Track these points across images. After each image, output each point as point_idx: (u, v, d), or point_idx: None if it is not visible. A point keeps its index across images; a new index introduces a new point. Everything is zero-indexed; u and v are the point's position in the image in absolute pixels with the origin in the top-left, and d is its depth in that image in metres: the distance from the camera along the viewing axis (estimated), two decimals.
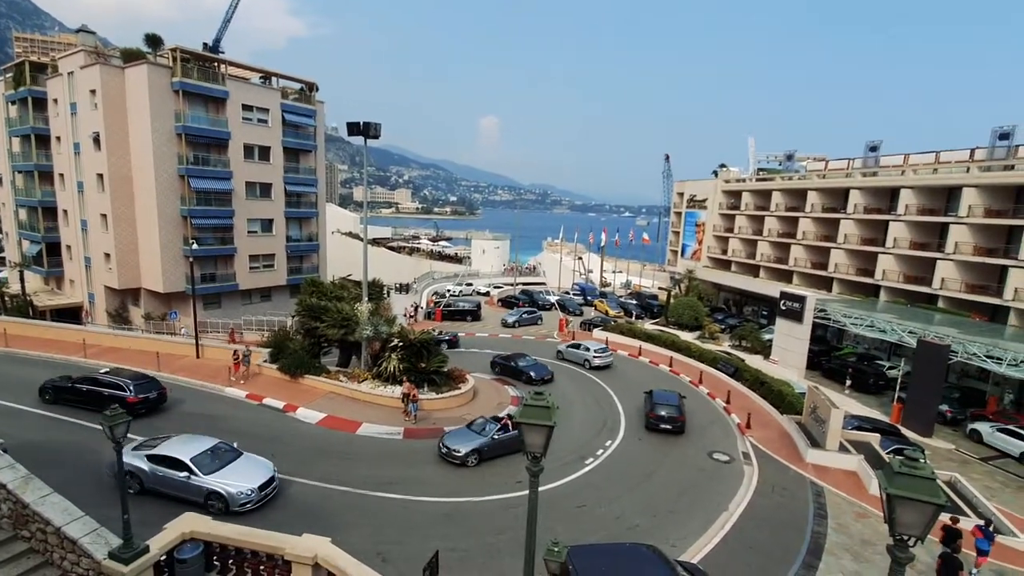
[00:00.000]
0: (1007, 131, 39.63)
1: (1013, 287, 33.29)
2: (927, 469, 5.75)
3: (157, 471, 15.98)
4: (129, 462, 15.74)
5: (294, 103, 45.66)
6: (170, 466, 15.97)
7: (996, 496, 21.36)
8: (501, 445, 20.96)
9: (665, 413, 25.18)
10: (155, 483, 15.99)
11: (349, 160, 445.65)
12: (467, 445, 20.54)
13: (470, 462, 20.27)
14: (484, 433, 21.12)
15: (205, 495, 15.61)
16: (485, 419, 22.11)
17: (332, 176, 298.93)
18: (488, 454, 20.65)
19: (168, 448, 16.53)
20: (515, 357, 32.64)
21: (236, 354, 28.34)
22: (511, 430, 21.01)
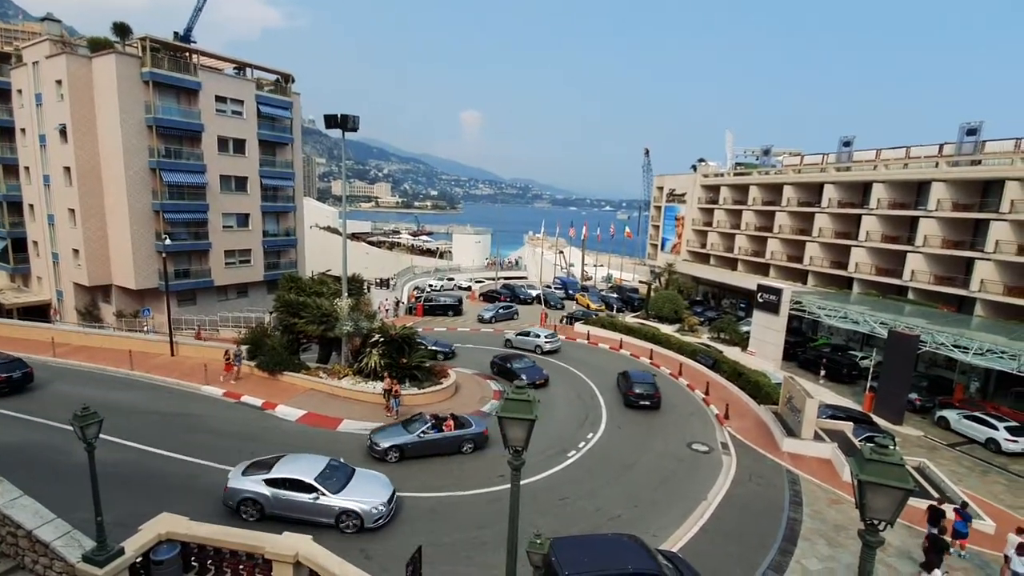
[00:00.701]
0: (974, 127, 40.78)
1: (979, 279, 34.38)
2: (896, 456, 5.92)
3: (280, 495, 15.17)
4: (247, 488, 15.31)
5: (269, 95, 44.76)
6: (294, 488, 15.22)
7: (963, 481, 22.11)
8: (428, 445, 20.47)
9: (642, 391, 27.27)
10: (280, 508, 15.18)
11: (327, 153, 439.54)
12: (389, 440, 20.24)
13: (390, 458, 19.90)
14: (411, 431, 20.67)
15: (336, 515, 15.06)
16: (426, 418, 21.44)
17: (310, 170, 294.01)
18: (411, 452, 20.19)
19: (286, 470, 15.64)
20: (511, 358, 31.97)
21: (227, 354, 27.20)
22: (450, 431, 20.82)
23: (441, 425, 21.19)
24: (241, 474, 15.87)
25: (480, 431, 21.37)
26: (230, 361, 27.00)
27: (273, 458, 16.65)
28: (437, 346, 35.67)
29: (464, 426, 21.55)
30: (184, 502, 16.02)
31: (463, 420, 22.03)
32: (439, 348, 35.57)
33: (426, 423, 21.11)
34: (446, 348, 36.06)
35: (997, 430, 25.68)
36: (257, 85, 44.16)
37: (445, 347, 36.14)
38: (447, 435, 20.86)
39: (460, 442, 20.99)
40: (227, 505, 15.48)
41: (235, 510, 15.37)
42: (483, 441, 21.44)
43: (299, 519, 14.98)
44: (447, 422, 21.36)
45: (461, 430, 21.24)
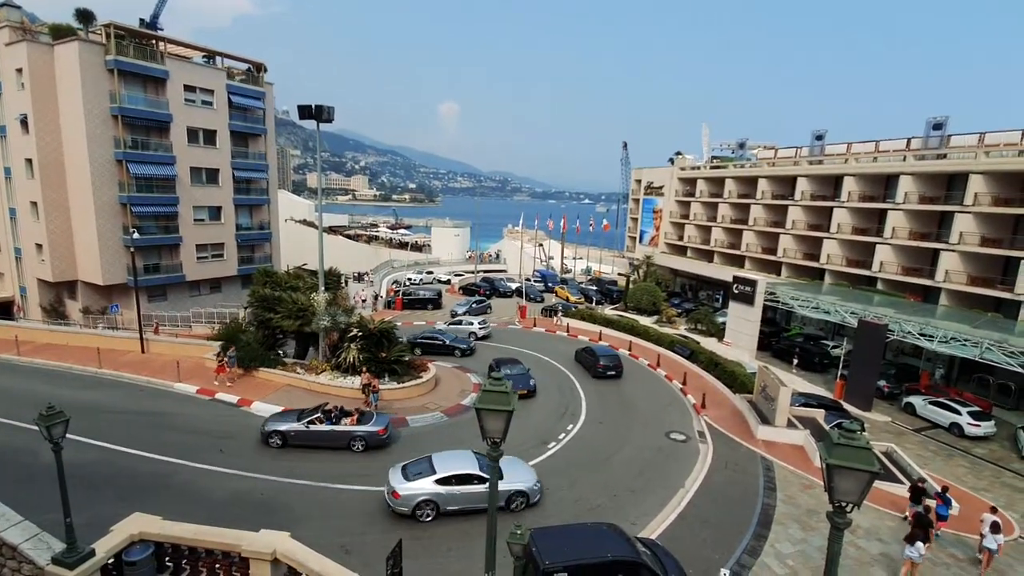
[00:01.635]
0: (940, 121, 41.96)
1: (944, 269, 35.53)
2: (863, 440, 6.09)
3: (454, 492, 16.18)
4: (423, 490, 16.02)
5: (241, 84, 43.65)
6: (465, 482, 16.28)
7: (928, 464, 22.93)
8: (313, 436, 20.22)
9: (607, 362, 31.42)
10: (454, 503, 16.18)
11: (302, 145, 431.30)
12: (274, 426, 20.36)
13: (272, 443, 20.09)
14: (300, 420, 20.52)
15: (508, 498, 16.49)
16: (325, 409, 21.04)
17: (284, 162, 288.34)
18: (294, 440, 20.15)
19: (450, 467, 16.64)
20: (507, 363, 30.05)
21: (220, 355, 25.91)
22: (340, 426, 20.39)
23: (342, 418, 20.73)
24: (405, 480, 16.30)
25: (375, 430, 20.49)
26: (223, 363, 25.74)
27: (421, 461, 17.29)
28: (456, 343, 34.58)
29: (364, 423, 20.71)
30: (158, 502, 15.73)
31: (368, 417, 21.17)
32: (457, 345, 34.43)
33: (315, 415, 20.71)
34: (464, 345, 34.71)
35: (960, 415, 26.67)
36: (228, 74, 43.02)
37: (463, 344, 34.80)
38: (334, 429, 20.33)
39: (349, 438, 20.34)
40: (399, 511, 15.98)
41: (411, 515, 15.93)
42: (377, 441, 20.53)
43: (474, 509, 16.14)
44: (352, 416, 20.87)
45: (354, 427, 20.47)
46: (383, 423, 21.11)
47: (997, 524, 15.55)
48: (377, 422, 21.13)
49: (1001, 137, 37.49)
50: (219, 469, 18.44)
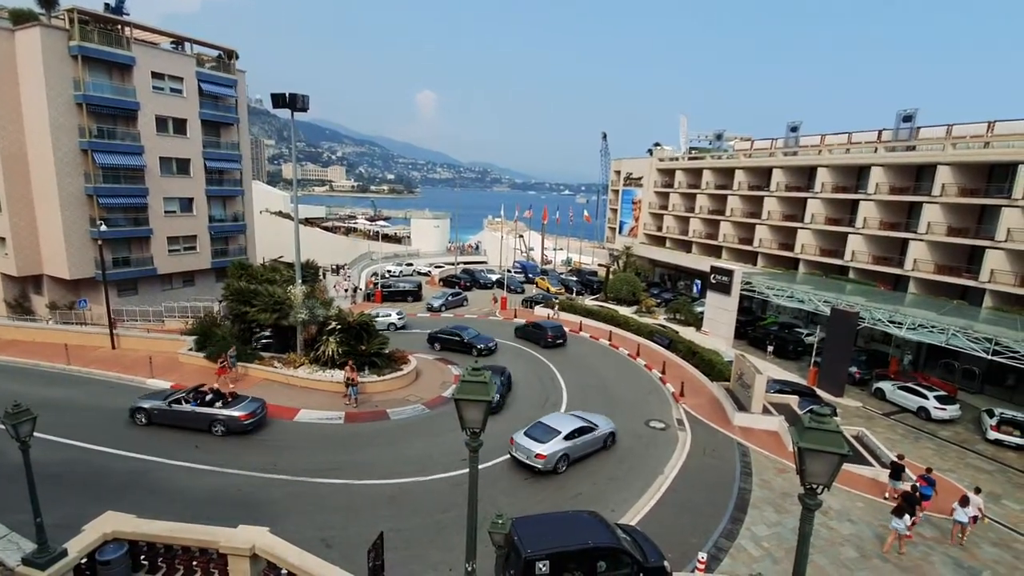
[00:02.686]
0: (910, 114, 42.95)
1: (913, 258, 36.55)
2: (833, 424, 6.26)
3: (576, 443, 19.70)
4: (559, 449, 19.05)
5: (211, 72, 42.41)
6: (586, 433, 20.26)
7: (896, 447, 23.64)
8: (175, 416, 20.38)
9: (555, 334, 35.69)
10: (577, 452, 19.77)
11: (277, 135, 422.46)
12: (139, 403, 20.75)
13: (137, 420, 20.58)
14: (166, 399, 20.76)
15: (605, 439, 21.08)
16: (200, 390, 21.20)
17: (258, 152, 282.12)
18: (158, 419, 20.42)
19: (574, 424, 20.24)
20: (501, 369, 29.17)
21: (221, 356, 25.17)
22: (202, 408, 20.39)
23: (216, 401, 20.74)
24: (541, 443, 18.99)
25: (236, 415, 20.32)
26: (224, 364, 24.98)
27: (536, 427, 20.11)
28: (477, 340, 33.29)
29: (231, 406, 20.64)
30: (132, 500, 15.44)
31: (239, 401, 21.06)
32: (478, 343, 33.01)
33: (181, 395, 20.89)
34: (482, 344, 33.04)
35: (927, 399, 27.59)
36: (198, 61, 41.75)
37: (487, 341, 33.40)
38: (194, 411, 20.37)
39: (209, 421, 20.32)
40: (544, 468, 18.68)
41: (552, 469, 18.83)
42: (238, 426, 20.29)
43: (591, 453, 20.37)
44: (226, 398, 20.95)
45: (215, 410, 20.40)
46: (249, 408, 20.77)
47: (966, 498, 16.44)
48: (244, 407, 20.80)
49: (968, 129, 38.55)
50: (195, 465, 18.15)
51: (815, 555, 15.42)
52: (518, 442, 19.31)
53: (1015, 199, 31.01)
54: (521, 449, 19.10)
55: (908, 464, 21.20)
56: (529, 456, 18.76)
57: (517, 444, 19.28)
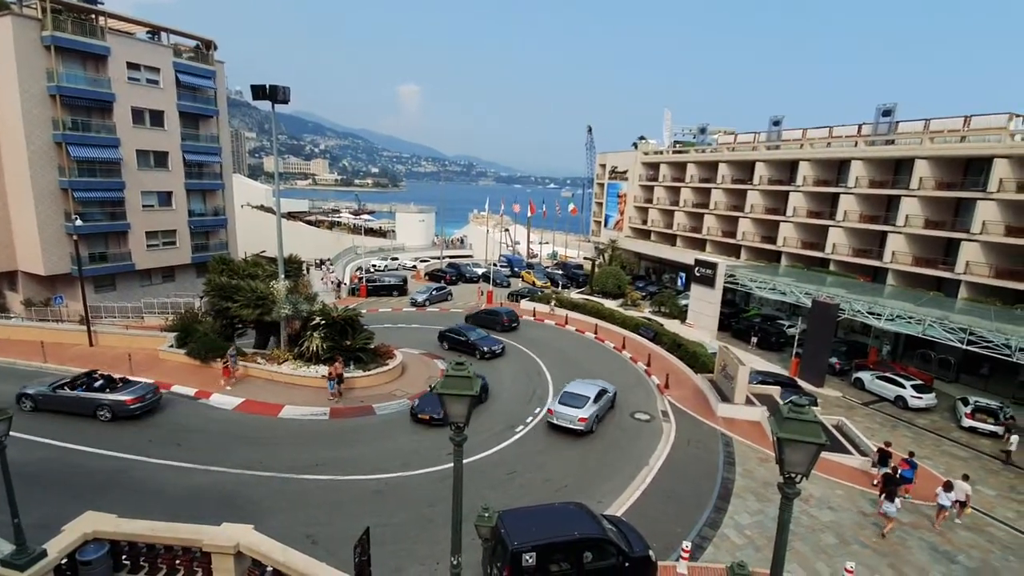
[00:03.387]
0: (889, 108, 43.52)
1: (891, 250, 37.20)
2: (811, 414, 6.36)
3: (601, 404, 22.98)
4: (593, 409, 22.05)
5: (189, 63, 41.55)
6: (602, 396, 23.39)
7: (875, 435, 24.19)
8: (59, 401, 20.37)
9: (510, 319, 37.76)
10: (603, 409, 23.28)
11: (258, 127, 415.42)
12: (25, 389, 20.71)
13: (23, 406, 20.46)
14: (51, 385, 20.73)
15: (612, 399, 24.59)
16: (93, 375, 21.26)
17: (239, 145, 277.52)
18: (44, 404, 20.46)
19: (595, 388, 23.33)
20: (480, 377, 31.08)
21: (224, 357, 24.89)
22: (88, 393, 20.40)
23: (107, 386, 20.75)
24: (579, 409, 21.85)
25: (122, 399, 20.32)
26: (227, 364, 24.62)
27: (566, 395, 22.78)
28: (483, 343, 31.75)
29: (118, 391, 20.61)
30: (113, 499, 15.21)
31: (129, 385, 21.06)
32: (483, 346, 31.43)
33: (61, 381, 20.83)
34: (494, 346, 31.77)
35: (905, 388, 28.21)
36: (175, 52, 40.86)
37: (493, 344, 31.87)
38: (79, 396, 20.33)
39: (96, 406, 20.25)
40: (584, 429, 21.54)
41: (590, 430, 21.77)
42: (124, 411, 20.27)
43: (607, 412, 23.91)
44: (116, 384, 20.99)
45: (100, 394, 20.33)
46: (137, 393, 20.64)
47: (950, 483, 17.02)
48: (131, 391, 20.66)
49: (945, 124, 39.19)
50: (177, 464, 17.91)
51: (797, 542, 15.75)
52: (558, 411, 21.95)
53: (990, 192, 31.69)
54: (563, 417, 21.78)
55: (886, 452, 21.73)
56: (572, 421, 21.60)
57: (558, 413, 21.92)
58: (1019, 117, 36.05)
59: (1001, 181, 31.32)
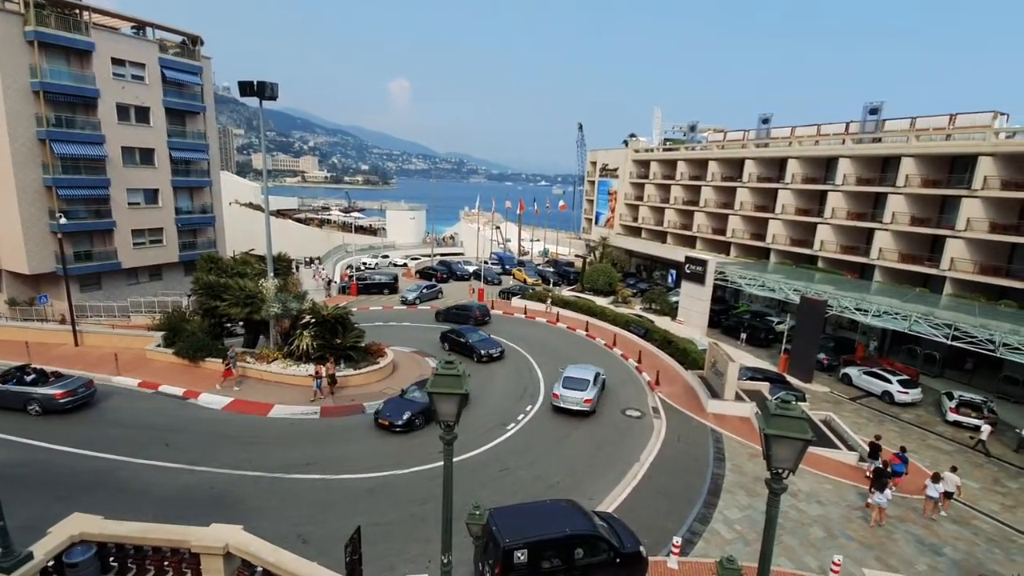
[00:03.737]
0: (876, 106, 43.97)
1: (878, 247, 37.63)
2: (797, 410, 6.42)
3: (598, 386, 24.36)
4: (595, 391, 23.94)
5: (175, 58, 40.99)
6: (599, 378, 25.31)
7: (862, 430, 24.49)
8: None
9: (482, 313, 38.32)
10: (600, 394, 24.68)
11: (246, 124, 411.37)
12: None
13: None
14: None
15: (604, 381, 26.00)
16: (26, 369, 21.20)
17: (227, 141, 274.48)
18: None
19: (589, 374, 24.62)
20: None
21: (225, 359, 24.65)
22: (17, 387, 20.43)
23: (38, 380, 20.62)
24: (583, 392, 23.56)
25: (51, 393, 20.21)
26: (229, 366, 24.35)
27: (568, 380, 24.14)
28: (481, 345, 30.49)
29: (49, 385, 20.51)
30: (101, 500, 15.06)
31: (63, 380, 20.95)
32: (480, 349, 30.16)
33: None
34: (492, 348, 30.55)
35: (891, 383, 28.56)
36: (160, 47, 40.30)
37: (492, 347, 30.65)
38: (8, 389, 20.22)
39: (25, 400, 20.15)
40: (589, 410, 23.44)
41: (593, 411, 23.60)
42: (54, 405, 20.26)
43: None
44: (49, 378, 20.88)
45: (31, 388, 20.21)
46: (68, 387, 20.56)
47: (938, 475, 17.45)
48: (62, 385, 20.58)
49: (931, 122, 39.66)
50: (166, 464, 17.75)
51: (785, 536, 15.91)
52: (563, 395, 23.44)
53: (975, 190, 32.13)
54: (568, 400, 23.35)
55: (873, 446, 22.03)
56: (578, 403, 23.26)
57: (563, 396, 23.42)
58: (1003, 116, 36.58)
59: (985, 179, 31.75)
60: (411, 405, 21.58)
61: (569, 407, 23.26)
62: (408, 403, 21.76)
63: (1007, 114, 36.73)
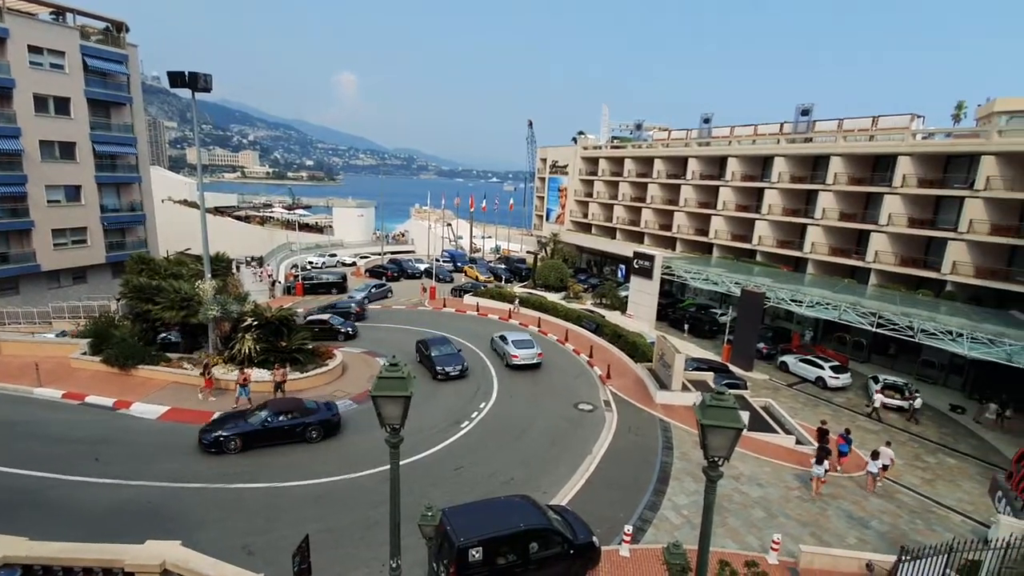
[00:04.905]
0: (807, 108, 46.47)
1: (810, 242, 39.85)
2: (730, 400, 6.72)
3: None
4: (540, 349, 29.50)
5: (98, 46, 38.34)
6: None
7: (799, 414, 25.93)
8: None
9: (361, 308, 38.63)
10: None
11: (179, 116, 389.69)
12: None
13: None
14: None
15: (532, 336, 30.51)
16: None
17: (158, 134, 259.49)
18: None
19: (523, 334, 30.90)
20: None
21: (205, 369, 23.19)
22: None
23: None
24: (532, 348, 29.34)
25: None
26: (209, 376, 22.98)
27: (507, 343, 29.41)
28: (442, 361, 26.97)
29: None
30: (27, 521, 13.93)
31: None
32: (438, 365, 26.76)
33: None
34: (455, 366, 27.00)
35: (824, 369, 30.37)
36: (82, 34, 37.57)
37: (455, 364, 27.09)
38: None
39: None
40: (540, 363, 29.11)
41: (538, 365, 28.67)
42: None
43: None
44: None
45: None
46: None
47: (876, 452, 19.11)
48: None
49: (857, 123, 42.32)
50: (97, 480, 16.61)
51: (730, 517, 16.63)
52: (520, 354, 28.68)
53: (896, 187, 34.50)
54: (525, 356, 28.66)
55: (808, 429, 23.47)
56: (533, 357, 28.87)
57: (521, 356, 28.62)
58: (920, 118, 39.47)
59: (904, 177, 34.16)
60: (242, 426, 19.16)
61: (527, 362, 28.58)
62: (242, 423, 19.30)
63: (923, 116, 39.69)
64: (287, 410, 20.02)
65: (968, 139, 33.17)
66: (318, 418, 20.18)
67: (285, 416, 19.75)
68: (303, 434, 19.71)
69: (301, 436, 19.68)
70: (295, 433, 19.59)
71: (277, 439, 19.34)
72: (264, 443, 19.13)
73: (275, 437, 19.34)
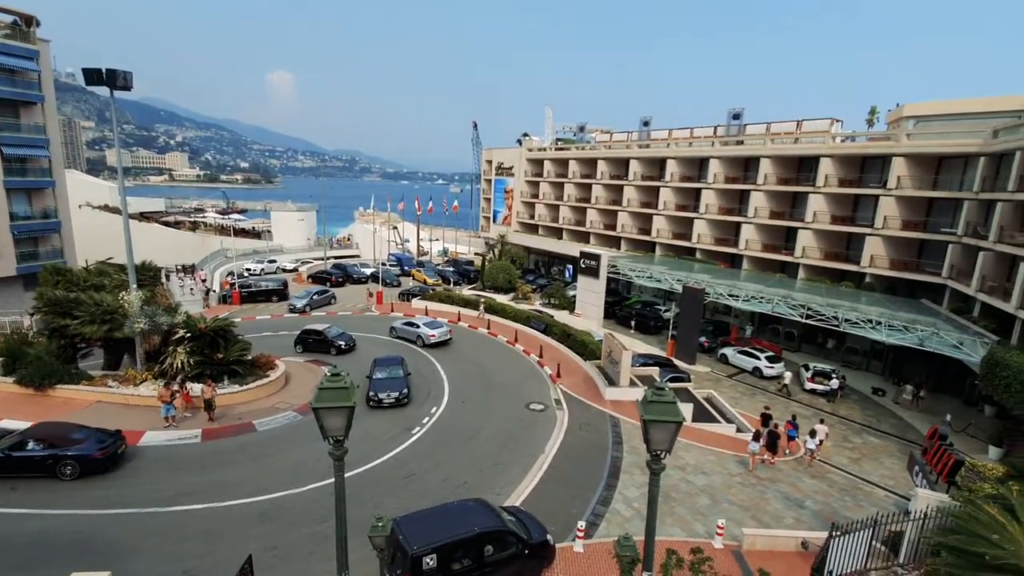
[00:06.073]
0: (738, 112, 48.82)
1: (745, 239, 41.88)
2: (670, 395, 6.96)
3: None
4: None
5: (5, 40, 35.19)
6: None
7: (738, 404, 27.17)
8: None
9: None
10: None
11: (97, 116, 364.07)
12: None
13: None
14: None
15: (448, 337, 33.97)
16: None
17: (74, 135, 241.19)
18: None
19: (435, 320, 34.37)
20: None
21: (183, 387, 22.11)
22: None
23: None
24: (431, 328, 33.62)
25: None
26: (187, 391, 21.88)
27: (425, 325, 34.10)
28: (380, 391, 23.82)
29: None
30: None
31: None
32: (381, 396, 23.66)
33: None
34: (398, 392, 24.05)
35: (760, 360, 32.00)
36: None
37: (397, 391, 24.03)
38: None
39: None
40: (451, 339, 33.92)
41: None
42: None
43: None
44: None
45: None
46: None
47: (813, 430, 20.86)
48: None
49: (783, 127, 44.84)
50: (14, 510, 15.21)
51: (677, 507, 17.20)
52: (437, 333, 33.49)
53: (819, 187, 36.80)
54: (441, 335, 33.59)
55: (748, 418, 24.62)
56: (444, 335, 33.82)
57: (437, 334, 33.43)
58: (839, 122, 42.29)
59: (826, 177, 36.49)
60: None
61: (442, 339, 33.52)
62: None
63: (841, 120, 42.56)
64: (47, 438, 17.06)
65: (881, 142, 35.84)
66: (78, 451, 16.90)
67: (39, 445, 16.85)
68: (53, 468, 16.65)
69: (51, 471, 16.65)
70: (44, 467, 16.64)
71: (24, 472, 16.56)
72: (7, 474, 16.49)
73: (20, 470, 16.55)
